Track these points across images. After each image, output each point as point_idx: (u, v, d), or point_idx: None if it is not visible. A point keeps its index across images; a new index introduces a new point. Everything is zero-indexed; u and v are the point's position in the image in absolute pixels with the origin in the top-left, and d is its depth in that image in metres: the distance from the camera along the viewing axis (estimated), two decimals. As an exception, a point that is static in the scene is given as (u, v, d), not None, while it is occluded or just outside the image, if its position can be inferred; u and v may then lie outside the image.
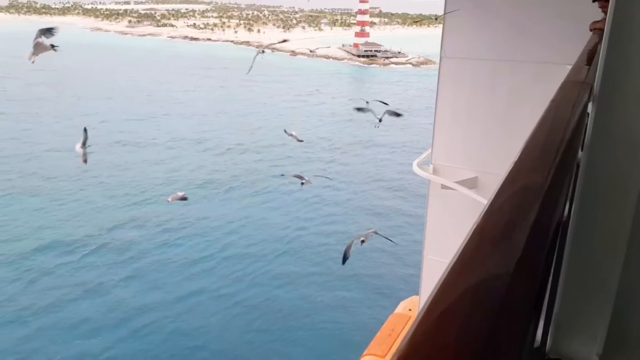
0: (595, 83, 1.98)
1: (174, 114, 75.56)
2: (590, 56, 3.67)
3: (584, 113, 2.00)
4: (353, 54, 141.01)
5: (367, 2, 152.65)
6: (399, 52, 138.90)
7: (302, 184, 13.40)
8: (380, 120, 14.41)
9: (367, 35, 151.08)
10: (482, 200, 9.64)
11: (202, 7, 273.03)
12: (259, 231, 39.98)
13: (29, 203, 43.52)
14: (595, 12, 7.25)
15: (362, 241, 12.48)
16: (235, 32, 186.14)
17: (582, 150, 1.99)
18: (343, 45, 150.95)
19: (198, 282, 32.44)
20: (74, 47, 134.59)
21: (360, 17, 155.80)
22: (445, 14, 10.15)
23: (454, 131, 11.04)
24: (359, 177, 52.58)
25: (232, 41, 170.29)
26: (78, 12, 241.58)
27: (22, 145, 58.86)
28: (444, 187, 10.66)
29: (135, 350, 26.49)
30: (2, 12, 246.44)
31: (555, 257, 1.77)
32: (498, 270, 0.87)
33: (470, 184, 10.62)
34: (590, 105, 2.08)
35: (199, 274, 33.59)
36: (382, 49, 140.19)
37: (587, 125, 2.02)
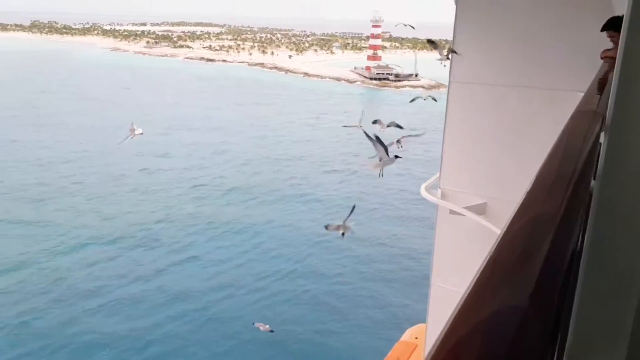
0: (607, 113, 1.94)
1: (203, 128, 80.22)
2: (601, 85, 3.64)
3: (596, 143, 1.98)
4: (365, 77, 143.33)
5: (379, 26, 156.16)
6: (411, 75, 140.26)
7: (343, 234, 12.33)
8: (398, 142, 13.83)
9: (379, 58, 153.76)
10: (491, 227, 9.49)
11: (217, 29, 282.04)
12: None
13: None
14: (606, 40, 7.19)
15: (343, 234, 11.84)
16: (250, 54, 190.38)
17: (594, 180, 1.95)
18: (355, 68, 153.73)
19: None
20: (97, 66, 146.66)
21: (372, 41, 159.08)
22: (453, 39, 10.17)
23: (462, 156, 10.93)
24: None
25: (246, 62, 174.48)
26: (97, 33, 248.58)
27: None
28: (452, 212, 10.50)
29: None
30: (25, 31, 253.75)
31: (568, 289, 1.74)
32: (512, 303, 0.87)
33: (479, 210, 10.45)
34: (602, 135, 2.04)
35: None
36: (394, 72, 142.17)
37: (599, 155, 1.98)
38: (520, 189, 1.45)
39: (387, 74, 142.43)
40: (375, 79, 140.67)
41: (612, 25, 6.56)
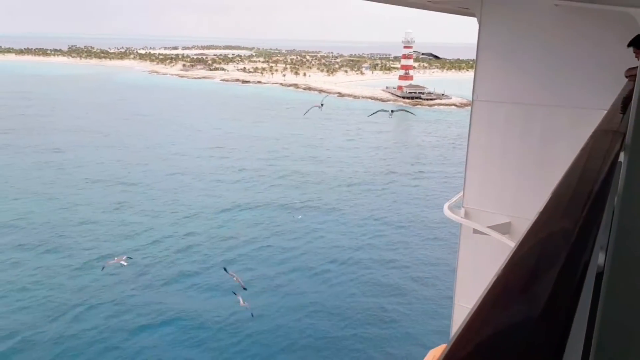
0: (627, 131, 1.93)
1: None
2: (625, 103, 3.61)
3: (615, 162, 1.95)
4: (398, 96, 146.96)
5: (411, 47, 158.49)
6: (443, 95, 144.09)
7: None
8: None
9: (411, 78, 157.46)
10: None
11: (246, 52, 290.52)
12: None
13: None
14: (631, 58, 7.10)
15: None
16: (284, 75, 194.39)
17: (616, 196, 1.93)
18: (387, 88, 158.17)
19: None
20: (140, 88, 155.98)
21: (404, 62, 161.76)
22: (477, 58, 10.20)
23: (486, 174, 10.83)
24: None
25: (280, 84, 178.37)
26: (134, 57, 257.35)
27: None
28: (475, 231, 10.38)
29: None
30: (65, 55, 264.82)
31: (590, 308, 1.71)
32: (519, 321, 0.85)
33: (503, 229, 10.31)
34: (622, 154, 2.03)
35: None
36: (425, 90, 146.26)
37: (619, 173, 1.97)
38: (538, 209, 1.44)
39: (419, 92, 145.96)
40: (407, 97, 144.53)
41: (638, 43, 6.44)
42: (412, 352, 30.61)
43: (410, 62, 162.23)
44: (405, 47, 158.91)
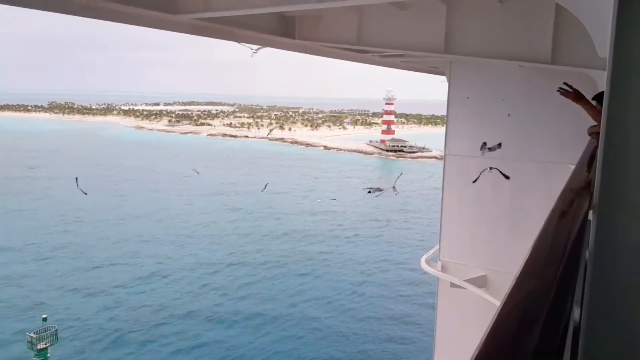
0: (595, 191, 1.96)
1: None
2: (589, 161, 3.72)
3: (585, 221, 2.02)
4: (381, 149, 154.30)
5: (392, 104, 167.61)
6: (424, 148, 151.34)
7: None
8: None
9: (393, 132, 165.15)
10: (492, 300, 9.34)
11: (227, 108, 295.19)
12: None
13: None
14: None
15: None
16: (270, 130, 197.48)
17: (588, 253, 1.98)
18: (370, 141, 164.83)
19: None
20: (129, 142, 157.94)
21: (386, 117, 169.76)
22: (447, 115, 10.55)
23: (460, 228, 10.95)
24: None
25: (267, 138, 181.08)
26: (118, 112, 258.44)
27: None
28: (453, 285, 10.39)
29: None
30: (46, 112, 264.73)
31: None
32: None
33: (480, 282, 10.33)
34: (591, 212, 2.08)
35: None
36: (407, 144, 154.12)
37: (589, 231, 2.01)
38: (518, 260, 1.53)
39: (401, 146, 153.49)
40: (390, 150, 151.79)
41: (598, 99, 6.69)
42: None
43: (392, 117, 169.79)
44: (386, 103, 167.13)
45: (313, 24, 10.03)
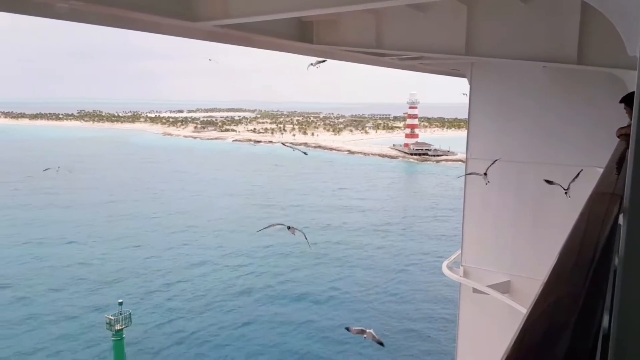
0: (625, 194, 1.92)
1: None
2: (619, 164, 3.63)
3: (615, 225, 1.95)
4: (405, 153, 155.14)
5: (416, 107, 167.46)
6: (448, 151, 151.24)
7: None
8: None
9: (417, 136, 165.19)
10: (516, 306, 9.10)
11: (249, 114, 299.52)
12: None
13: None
14: (621, 116, 7.13)
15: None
16: (294, 135, 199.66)
17: (617, 259, 1.91)
18: (394, 145, 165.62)
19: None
20: (160, 149, 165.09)
21: (409, 121, 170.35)
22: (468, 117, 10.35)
23: (483, 232, 10.71)
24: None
25: (291, 143, 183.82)
26: (144, 120, 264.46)
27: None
28: (475, 290, 10.15)
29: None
30: (77, 120, 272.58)
31: None
32: None
33: (503, 288, 10.08)
34: (621, 216, 2.02)
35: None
36: (432, 147, 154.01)
37: (619, 235, 1.95)
38: (543, 265, 1.48)
39: (425, 149, 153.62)
40: (415, 154, 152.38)
41: (627, 100, 6.45)
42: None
43: (416, 121, 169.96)
44: (410, 107, 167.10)
45: (331, 28, 9.98)
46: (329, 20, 9.91)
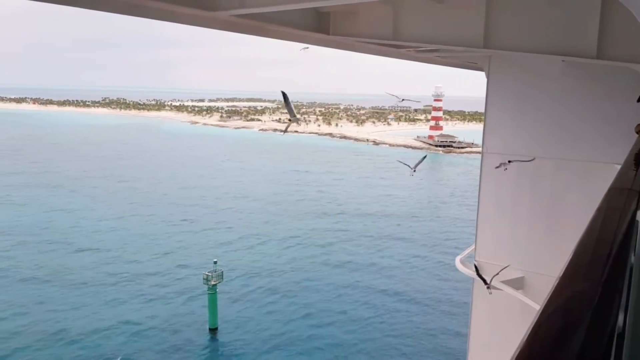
0: None
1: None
2: (637, 160, 3.60)
3: (632, 221, 1.94)
4: (430, 144, 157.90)
5: (441, 100, 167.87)
6: (472, 143, 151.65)
7: None
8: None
9: (441, 128, 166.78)
10: (530, 303, 9.03)
11: (269, 104, 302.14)
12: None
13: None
14: None
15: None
16: (319, 125, 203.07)
17: (634, 256, 1.89)
18: (418, 137, 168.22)
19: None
20: (192, 136, 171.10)
21: (434, 113, 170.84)
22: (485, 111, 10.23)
23: (497, 228, 10.59)
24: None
25: (316, 133, 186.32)
26: (170, 108, 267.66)
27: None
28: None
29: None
30: (103, 107, 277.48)
31: None
32: None
33: (517, 284, 9.99)
34: (639, 212, 1.99)
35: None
36: (456, 139, 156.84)
37: (637, 232, 1.92)
38: (558, 261, 1.43)
39: (450, 141, 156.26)
40: (439, 145, 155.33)
41: None
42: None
43: (440, 113, 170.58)
44: (435, 99, 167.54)
45: (348, 19, 9.95)
46: (346, 11, 9.88)
